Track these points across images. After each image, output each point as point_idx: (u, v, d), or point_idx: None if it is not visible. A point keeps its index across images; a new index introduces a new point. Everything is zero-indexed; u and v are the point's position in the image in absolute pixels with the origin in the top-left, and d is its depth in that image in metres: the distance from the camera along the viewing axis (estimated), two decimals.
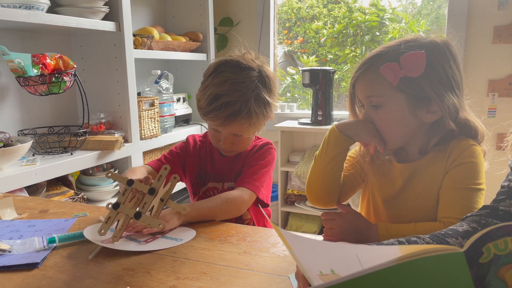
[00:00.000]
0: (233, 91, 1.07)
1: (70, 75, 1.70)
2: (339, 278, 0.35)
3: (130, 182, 0.94)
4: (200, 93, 1.14)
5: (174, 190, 1.33)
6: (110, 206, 0.93)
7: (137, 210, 0.92)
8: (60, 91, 1.68)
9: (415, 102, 0.91)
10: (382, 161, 1.02)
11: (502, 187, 0.80)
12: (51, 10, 1.70)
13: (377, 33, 2.89)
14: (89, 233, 0.92)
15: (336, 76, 2.89)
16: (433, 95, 0.90)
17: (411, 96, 0.91)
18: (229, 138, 1.15)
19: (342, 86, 3.05)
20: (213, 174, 1.25)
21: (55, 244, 0.91)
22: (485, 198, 0.91)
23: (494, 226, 0.36)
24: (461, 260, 0.36)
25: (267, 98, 1.11)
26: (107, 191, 1.96)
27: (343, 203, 1.04)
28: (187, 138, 1.31)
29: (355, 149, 1.10)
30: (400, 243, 0.73)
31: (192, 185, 1.27)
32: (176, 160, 1.27)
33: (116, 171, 2.01)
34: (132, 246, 0.89)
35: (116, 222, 0.94)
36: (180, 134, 2.45)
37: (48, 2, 1.64)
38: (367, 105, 0.97)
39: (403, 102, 0.92)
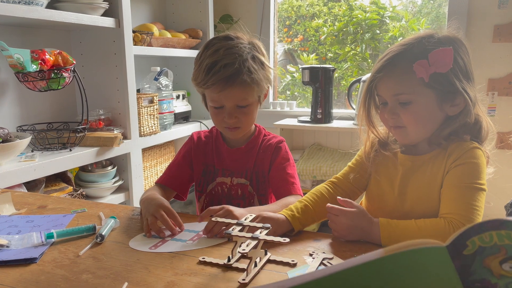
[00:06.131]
0: (228, 55, 1.07)
1: (69, 71, 1.69)
2: (324, 270, 0.35)
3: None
4: (195, 71, 1.12)
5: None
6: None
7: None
8: (59, 87, 1.68)
9: (442, 97, 0.94)
10: (386, 155, 1.04)
11: None
12: (50, 5, 1.69)
13: (377, 31, 2.89)
14: (135, 243, 0.91)
15: (336, 74, 2.89)
16: (459, 88, 0.93)
17: (439, 91, 0.93)
18: (233, 111, 1.11)
19: (342, 84, 3.05)
20: (221, 169, 1.21)
21: (53, 240, 0.91)
22: (487, 197, 0.91)
23: (478, 222, 0.37)
24: (443, 254, 0.37)
25: (263, 59, 1.12)
26: (106, 188, 1.95)
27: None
28: (191, 135, 1.28)
29: (361, 148, 1.10)
30: None
31: (199, 183, 1.23)
32: (183, 166, 1.24)
33: (115, 168, 2.01)
34: (179, 247, 0.89)
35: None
36: (180, 131, 2.45)
37: None
38: (392, 103, 0.97)
39: (432, 97, 0.94)
